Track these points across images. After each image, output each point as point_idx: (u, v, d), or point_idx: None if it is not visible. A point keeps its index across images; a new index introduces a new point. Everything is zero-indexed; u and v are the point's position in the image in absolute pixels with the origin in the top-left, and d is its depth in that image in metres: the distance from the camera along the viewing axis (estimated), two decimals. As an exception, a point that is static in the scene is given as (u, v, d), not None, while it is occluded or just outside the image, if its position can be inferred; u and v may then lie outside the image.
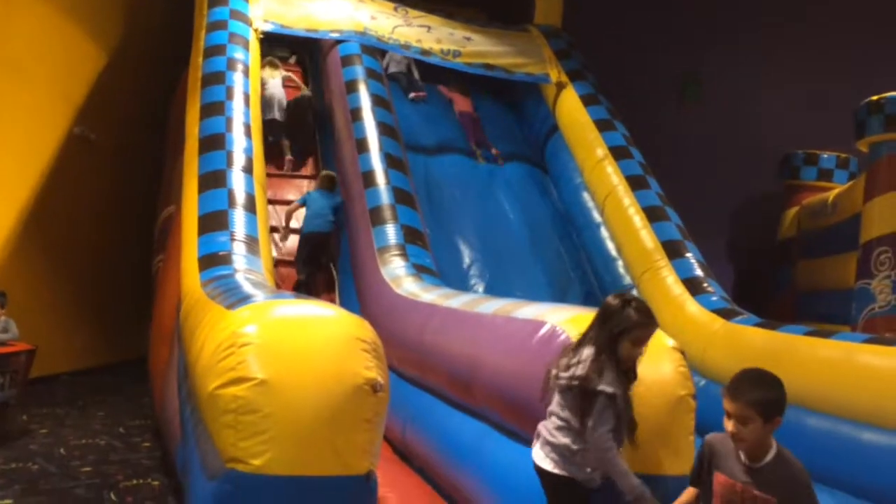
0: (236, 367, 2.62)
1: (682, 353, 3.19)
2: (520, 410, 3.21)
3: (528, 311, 3.49)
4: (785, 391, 2.63)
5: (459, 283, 7.14)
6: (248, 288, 3.89)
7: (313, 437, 2.59)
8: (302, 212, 7.19)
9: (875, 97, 7.46)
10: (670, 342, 3.20)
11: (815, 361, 5.11)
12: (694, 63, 11.10)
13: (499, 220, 8.09)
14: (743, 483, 2.45)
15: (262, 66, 7.90)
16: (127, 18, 9.18)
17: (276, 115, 7.89)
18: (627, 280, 7.39)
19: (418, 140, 8.54)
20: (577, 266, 7.90)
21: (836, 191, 9.07)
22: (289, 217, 7.34)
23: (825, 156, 10.02)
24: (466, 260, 7.56)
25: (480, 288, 7.16)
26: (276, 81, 8.09)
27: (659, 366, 3.04)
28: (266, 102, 7.72)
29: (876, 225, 7.45)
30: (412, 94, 9.06)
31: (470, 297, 4.45)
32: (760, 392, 2.53)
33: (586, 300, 7.46)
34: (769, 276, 10.53)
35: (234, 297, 3.36)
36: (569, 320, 3.15)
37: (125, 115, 9.34)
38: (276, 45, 8.94)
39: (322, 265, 7.01)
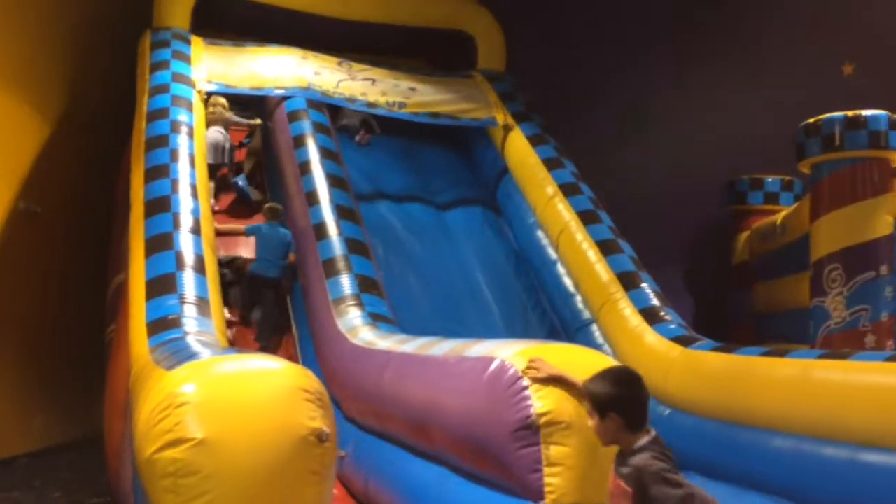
0: (173, 429, 2.55)
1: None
2: (475, 450, 3.16)
3: (478, 349, 3.46)
4: (631, 390, 2.62)
5: (418, 329, 7.08)
6: (193, 348, 3.81)
7: (259, 494, 2.52)
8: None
9: (812, 119, 7.67)
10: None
11: (774, 381, 5.14)
12: (638, 96, 11.33)
13: (456, 265, 8.11)
14: (615, 474, 2.46)
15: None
16: (70, 87, 9.11)
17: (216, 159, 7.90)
18: (587, 315, 7.41)
19: (373, 187, 8.58)
20: (536, 305, 7.90)
21: (783, 213, 9.26)
22: (232, 231, 7.35)
23: (770, 179, 10.25)
24: (425, 306, 7.53)
25: (441, 331, 7.10)
26: (217, 130, 8.05)
27: (609, 393, 3.01)
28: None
29: (824, 243, 7.59)
30: (357, 137, 9.14)
31: (424, 341, 4.41)
32: (595, 387, 2.55)
33: (547, 338, 7.43)
34: (728, 300, 10.64)
35: (176, 359, 3.29)
36: (517, 354, 3.13)
37: (72, 185, 9.23)
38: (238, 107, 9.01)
39: (279, 322, 6.92)
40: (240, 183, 8.08)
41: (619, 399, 2.51)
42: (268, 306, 6.85)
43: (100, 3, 9.01)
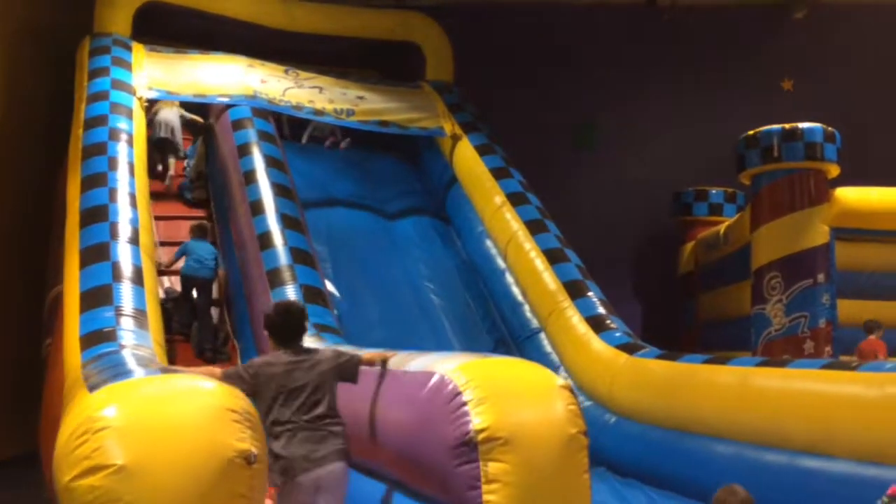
0: (91, 455, 2.44)
1: (571, 389, 3.17)
2: (415, 467, 3.11)
3: (419, 362, 3.42)
4: (280, 317, 3.61)
5: (367, 339, 7.01)
6: (124, 366, 3.69)
7: (184, 519, 2.42)
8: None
9: (751, 132, 7.84)
10: (559, 381, 3.18)
11: (715, 389, 5.22)
12: (586, 110, 11.47)
13: (405, 274, 8.06)
14: None
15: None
16: (7, 96, 8.81)
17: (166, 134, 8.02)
18: (535, 324, 7.43)
19: (323, 195, 8.50)
20: (485, 314, 7.89)
21: (726, 223, 9.44)
22: (167, 265, 7.22)
23: (714, 191, 10.45)
24: (373, 315, 7.46)
25: (388, 340, 7.04)
26: (170, 111, 8.11)
27: (549, 405, 3.01)
28: (157, 124, 7.93)
29: (764, 252, 7.76)
30: (327, 143, 9.34)
31: (367, 352, 4.34)
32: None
33: (496, 348, 7.45)
34: (675, 309, 10.79)
35: (101, 377, 3.17)
36: (458, 368, 3.09)
37: (11, 195, 8.90)
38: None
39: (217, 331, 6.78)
40: (186, 196, 8.29)
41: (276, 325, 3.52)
42: (201, 310, 6.84)
43: (38, 10, 8.74)
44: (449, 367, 3.12)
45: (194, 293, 6.93)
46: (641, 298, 11.48)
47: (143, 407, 2.60)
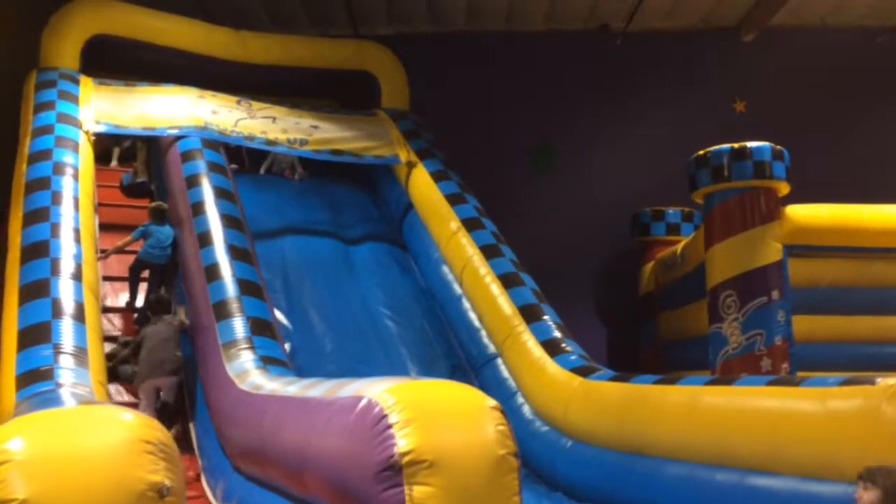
0: (-7, 489, 2.34)
1: (502, 410, 3.12)
2: (343, 494, 3.03)
3: (352, 387, 3.35)
4: None
5: (320, 368, 6.94)
6: (55, 404, 3.58)
7: (91, 556, 2.32)
8: None
9: (702, 151, 7.91)
10: (489, 402, 3.12)
11: (666, 409, 5.20)
12: (543, 134, 11.56)
13: (361, 302, 7.98)
14: None
15: None
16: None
17: None
18: (492, 349, 7.38)
19: (279, 223, 8.43)
20: (442, 340, 7.83)
21: (682, 243, 9.49)
22: (122, 246, 7.28)
23: (671, 211, 10.52)
24: (328, 346, 7.36)
25: (341, 372, 6.95)
26: None
27: (477, 426, 2.95)
28: None
29: (718, 271, 7.78)
30: (297, 173, 9.48)
31: (307, 382, 4.27)
32: None
33: (452, 374, 7.37)
34: (637, 331, 10.80)
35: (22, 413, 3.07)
36: (386, 391, 3.03)
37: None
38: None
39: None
40: (125, 183, 8.56)
41: None
42: (153, 290, 7.05)
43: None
44: (377, 390, 3.06)
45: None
46: (604, 320, 11.50)
47: (50, 438, 2.50)
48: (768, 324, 7.55)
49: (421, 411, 2.87)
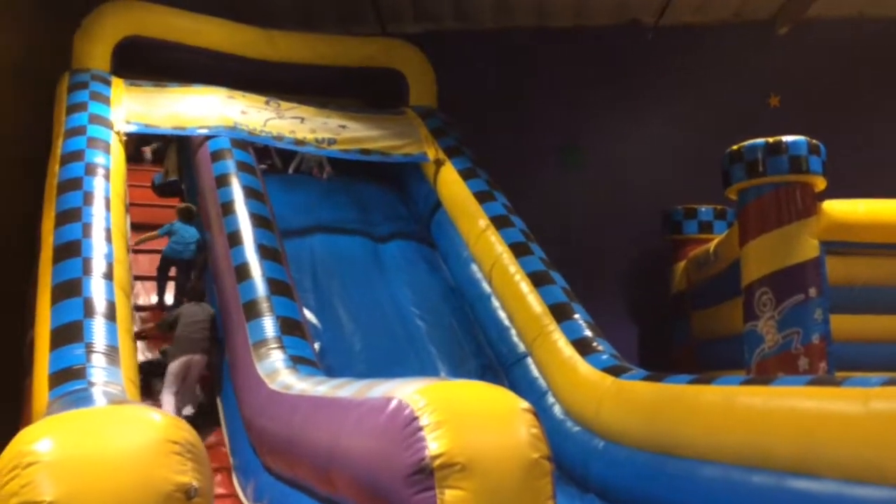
0: (20, 492, 2.33)
1: (535, 413, 3.05)
2: (373, 496, 2.99)
3: (382, 388, 3.31)
4: None
5: (349, 367, 6.93)
6: (88, 403, 3.59)
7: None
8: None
9: (735, 146, 7.76)
10: (522, 404, 3.06)
11: (700, 409, 5.09)
12: (572, 131, 11.44)
13: (391, 300, 7.96)
14: None
15: None
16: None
17: None
18: (522, 348, 7.31)
19: (308, 222, 8.43)
20: (471, 339, 7.77)
21: (715, 240, 9.32)
22: (147, 240, 7.37)
23: (703, 209, 10.35)
24: (357, 344, 7.35)
25: (371, 371, 6.93)
26: None
27: (510, 429, 2.89)
28: None
29: (754, 268, 7.62)
30: (325, 172, 9.52)
31: (337, 382, 4.24)
32: None
33: (482, 373, 7.33)
34: (669, 330, 10.64)
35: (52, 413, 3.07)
36: (416, 392, 2.98)
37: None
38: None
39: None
40: (156, 182, 8.66)
41: None
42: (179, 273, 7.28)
43: (22, 50, 8.70)
44: (408, 391, 3.01)
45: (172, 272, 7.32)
46: (635, 319, 11.35)
47: (78, 439, 2.49)
48: (805, 322, 7.38)
49: (452, 413, 2.82)
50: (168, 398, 6.08)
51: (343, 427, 3.38)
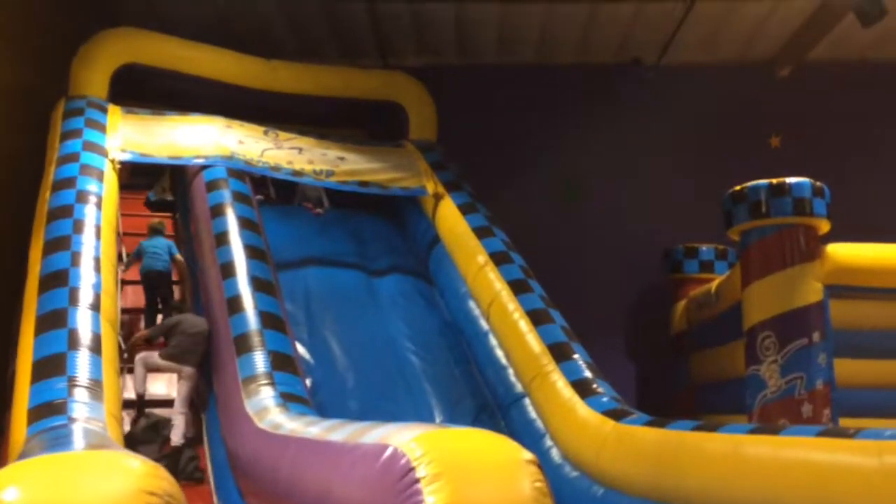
0: (-19, 543, 2.15)
1: (539, 465, 2.88)
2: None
3: (376, 433, 3.13)
4: None
5: (342, 404, 6.73)
6: (65, 442, 3.42)
7: None
8: None
9: (738, 187, 7.66)
10: (525, 455, 2.89)
11: (705, 458, 4.91)
12: (573, 168, 11.36)
13: (385, 336, 7.77)
14: None
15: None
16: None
17: None
18: (519, 388, 7.12)
19: (303, 254, 8.28)
20: (468, 378, 7.58)
21: (717, 280, 9.19)
22: (126, 268, 7.37)
23: (704, 248, 10.24)
24: (350, 381, 7.15)
25: (363, 408, 6.73)
26: None
27: (512, 482, 2.72)
28: None
29: (756, 310, 7.48)
30: (318, 210, 9.32)
31: (329, 424, 4.05)
32: None
33: (478, 413, 7.14)
34: (668, 371, 10.46)
35: (30, 455, 2.89)
36: (413, 440, 2.81)
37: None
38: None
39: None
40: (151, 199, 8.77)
41: None
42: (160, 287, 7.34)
43: (22, 73, 8.61)
44: (404, 438, 2.84)
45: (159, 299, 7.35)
46: (634, 359, 11.18)
47: (48, 488, 2.31)
48: (809, 367, 7.21)
49: (451, 464, 2.64)
50: (179, 419, 6.09)
51: (334, 474, 3.20)
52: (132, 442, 5.71)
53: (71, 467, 2.43)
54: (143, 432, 5.95)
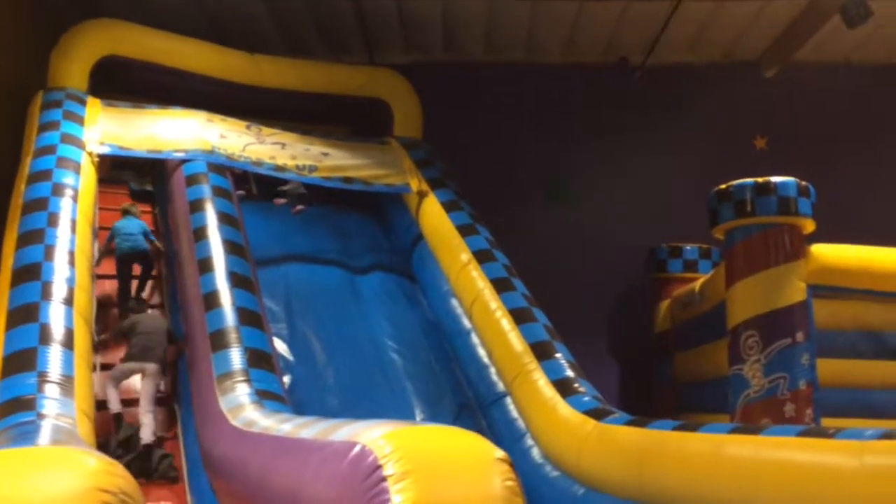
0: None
1: (510, 463, 2.81)
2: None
3: (346, 431, 3.06)
4: None
5: (321, 401, 6.65)
6: (29, 438, 3.32)
7: None
8: None
9: (724, 185, 7.63)
10: (497, 452, 2.82)
11: (686, 458, 4.86)
12: (558, 166, 11.32)
13: (367, 334, 7.68)
14: None
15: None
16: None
17: None
18: (501, 387, 7.06)
19: (285, 250, 8.18)
20: (449, 376, 7.51)
21: (701, 280, 9.16)
22: (104, 250, 7.20)
23: (688, 248, 10.22)
24: (331, 379, 7.06)
25: (343, 406, 6.65)
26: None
27: (482, 480, 2.65)
28: None
29: (740, 310, 7.44)
30: (296, 208, 9.09)
31: (301, 421, 3.97)
32: None
33: (459, 412, 7.07)
34: (652, 370, 10.43)
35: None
36: (383, 437, 2.73)
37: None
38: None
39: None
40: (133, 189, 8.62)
41: None
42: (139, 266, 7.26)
43: (6, 65, 8.45)
44: (373, 435, 2.76)
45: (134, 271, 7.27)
46: (617, 358, 11.14)
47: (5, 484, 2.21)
48: (792, 367, 7.19)
49: (419, 462, 2.57)
50: (112, 393, 6.05)
51: (304, 472, 3.12)
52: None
53: (24, 463, 2.34)
54: (119, 446, 5.80)
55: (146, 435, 5.77)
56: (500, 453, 2.83)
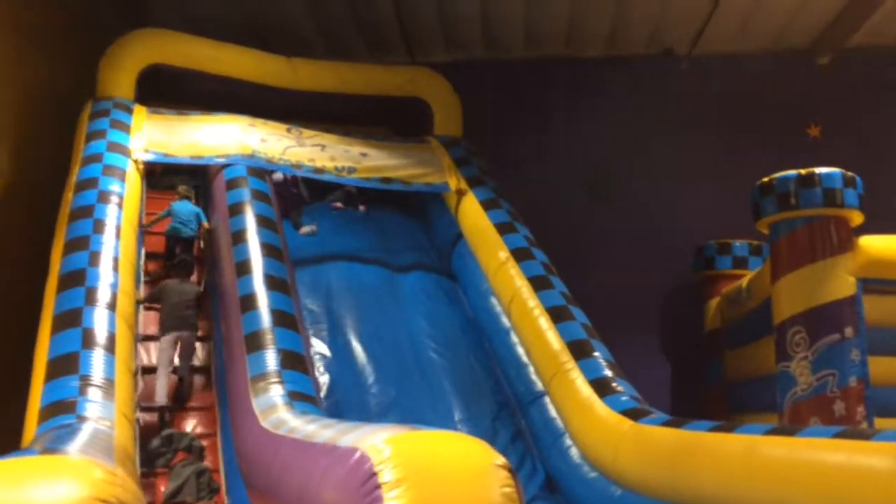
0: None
1: (511, 469, 2.79)
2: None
3: (353, 435, 3.08)
4: None
5: (360, 400, 6.72)
6: (59, 442, 3.45)
7: None
8: None
9: (766, 178, 7.41)
10: (497, 459, 2.79)
11: (720, 459, 4.75)
12: (603, 162, 11.15)
13: (407, 333, 7.70)
14: None
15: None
16: (15, 160, 8.83)
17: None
18: (539, 386, 7.03)
19: (327, 250, 8.27)
20: (489, 376, 7.49)
21: (748, 276, 8.92)
22: (154, 222, 7.51)
23: (737, 244, 9.96)
24: (370, 377, 7.11)
25: (382, 406, 6.70)
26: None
27: (480, 487, 2.63)
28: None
29: (786, 305, 7.23)
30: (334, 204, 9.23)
31: (325, 423, 4.02)
32: None
33: (499, 412, 7.06)
34: (702, 369, 10.21)
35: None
36: (383, 443, 2.74)
37: (15, 264, 8.82)
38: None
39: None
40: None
41: None
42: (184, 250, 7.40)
43: (54, 75, 8.76)
44: (373, 441, 2.78)
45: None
46: (668, 358, 10.93)
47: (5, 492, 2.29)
48: (841, 363, 6.94)
49: (416, 469, 2.57)
50: (162, 380, 6.23)
51: (313, 476, 3.16)
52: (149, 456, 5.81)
53: (22, 473, 2.41)
54: (158, 447, 5.98)
55: (160, 397, 6.14)
56: (501, 460, 2.80)
